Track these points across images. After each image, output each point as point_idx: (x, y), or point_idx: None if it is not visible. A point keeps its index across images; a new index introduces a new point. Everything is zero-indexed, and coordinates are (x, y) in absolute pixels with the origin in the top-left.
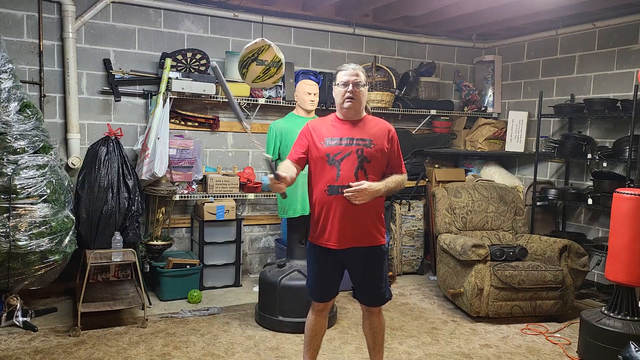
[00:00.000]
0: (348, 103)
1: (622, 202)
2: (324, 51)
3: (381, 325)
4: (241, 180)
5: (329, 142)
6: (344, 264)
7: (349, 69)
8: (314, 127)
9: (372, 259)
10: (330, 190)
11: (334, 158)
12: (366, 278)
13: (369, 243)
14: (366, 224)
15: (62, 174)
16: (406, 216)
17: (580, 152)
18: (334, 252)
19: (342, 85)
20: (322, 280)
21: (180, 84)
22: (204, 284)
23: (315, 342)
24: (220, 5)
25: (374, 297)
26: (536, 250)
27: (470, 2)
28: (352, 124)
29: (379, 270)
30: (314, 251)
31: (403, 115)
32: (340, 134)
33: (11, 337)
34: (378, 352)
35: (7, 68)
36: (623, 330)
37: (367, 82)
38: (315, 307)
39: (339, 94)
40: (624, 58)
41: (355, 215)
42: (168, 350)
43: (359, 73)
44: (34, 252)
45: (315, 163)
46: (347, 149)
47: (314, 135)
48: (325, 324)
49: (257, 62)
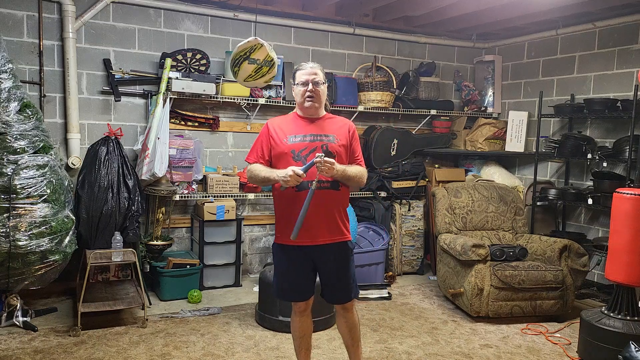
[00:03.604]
0: (309, 102)
1: (622, 202)
2: (324, 51)
3: (356, 321)
4: (241, 180)
5: (292, 139)
6: (314, 260)
7: (307, 67)
8: (275, 125)
9: (342, 254)
10: (299, 186)
11: (300, 154)
12: (337, 275)
13: (339, 238)
14: (335, 219)
15: (62, 174)
16: (406, 216)
17: (580, 152)
18: (304, 249)
19: (302, 84)
20: (296, 279)
21: (180, 84)
22: (204, 284)
23: (305, 341)
24: (220, 5)
25: (345, 294)
26: (536, 250)
27: (470, 2)
28: (314, 121)
29: (348, 265)
30: (283, 251)
31: (403, 115)
32: (304, 131)
33: (11, 337)
34: (357, 347)
35: (7, 68)
36: (623, 330)
37: (325, 81)
38: (296, 309)
39: (299, 93)
40: (624, 58)
41: (325, 209)
42: (168, 350)
43: (317, 72)
44: (34, 252)
45: (279, 160)
46: (311, 144)
47: (278, 133)
48: (311, 323)
49: (249, 61)
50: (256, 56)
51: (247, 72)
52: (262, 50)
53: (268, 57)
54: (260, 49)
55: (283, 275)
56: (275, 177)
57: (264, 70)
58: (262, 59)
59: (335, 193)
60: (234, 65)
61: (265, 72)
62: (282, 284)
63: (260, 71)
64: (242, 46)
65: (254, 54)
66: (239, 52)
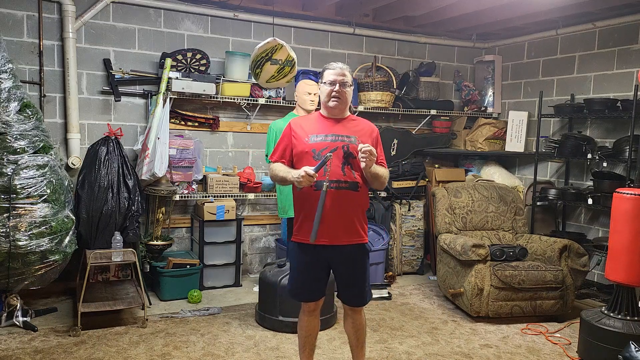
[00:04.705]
0: (334, 102)
1: (622, 202)
2: (324, 51)
3: (363, 323)
4: (241, 180)
5: (314, 138)
6: (330, 262)
7: (336, 68)
8: (297, 124)
9: (358, 257)
10: (318, 185)
11: (320, 153)
12: (352, 277)
13: (356, 240)
14: (352, 220)
15: (62, 174)
16: (406, 216)
17: (580, 152)
18: (321, 250)
19: (329, 84)
20: (310, 279)
21: (180, 84)
22: (204, 284)
23: (310, 341)
24: (220, 5)
25: (359, 297)
26: (536, 250)
27: (470, 2)
28: (337, 122)
29: (364, 268)
30: (299, 250)
31: (403, 115)
32: (326, 131)
33: (11, 337)
34: (361, 349)
35: (7, 68)
36: (623, 330)
37: (352, 83)
38: (306, 308)
39: (325, 92)
40: (624, 58)
41: (343, 210)
42: (168, 350)
43: (346, 73)
44: (34, 252)
45: (300, 159)
46: (332, 144)
47: (299, 132)
48: (318, 323)
49: (272, 62)
50: (278, 56)
51: (269, 73)
52: (283, 51)
53: (289, 57)
54: (281, 49)
55: (298, 272)
56: (291, 177)
57: (286, 70)
58: (284, 59)
59: (354, 194)
60: (255, 67)
61: (287, 72)
62: (296, 282)
63: (283, 71)
64: (263, 47)
65: (276, 55)
66: (259, 53)
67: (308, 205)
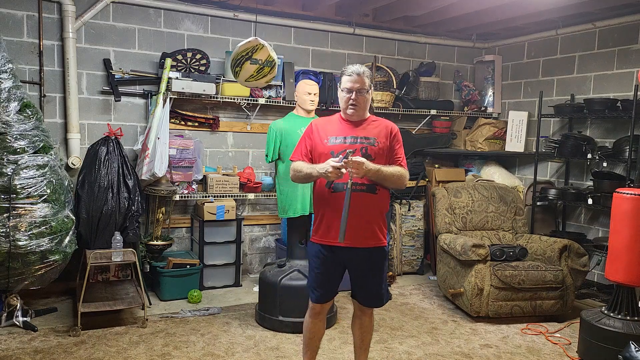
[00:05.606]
0: (351, 110)
1: (622, 202)
2: (324, 51)
3: (371, 325)
4: (241, 180)
5: (333, 140)
6: (346, 263)
7: (353, 75)
8: (318, 125)
9: (375, 259)
10: (336, 188)
11: (339, 156)
12: (368, 279)
13: (374, 243)
14: (371, 223)
15: (62, 174)
16: (406, 216)
17: (580, 152)
18: (337, 251)
19: (346, 91)
20: (324, 280)
21: (180, 84)
22: (204, 284)
23: (313, 343)
24: (220, 5)
25: (374, 298)
26: (536, 250)
27: (470, 2)
28: (356, 124)
29: (381, 271)
30: (317, 251)
31: (403, 115)
32: (345, 133)
33: (11, 337)
34: (365, 350)
35: (7, 68)
36: (623, 330)
37: (371, 85)
38: (313, 310)
39: (343, 99)
40: (624, 58)
41: (361, 213)
42: (168, 350)
43: (364, 79)
44: (34, 252)
45: (319, 160)
46: (351, 147)
47: (320, 133)
48: (324, 325)
49: (251, 61)
50: (258, 56)
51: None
52: (263, 51)
53: (269, 58)
54: (262, 49)
55: (315, 272)
56: (316, 172)
57: (265, 70)
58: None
59: (372, 196)
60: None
61: (266, 72)
62: (312, 280)
63: (262, 71)
64: (244, 46)
65: (256, 54)
66: (240, 52)
67: (325, 207)
